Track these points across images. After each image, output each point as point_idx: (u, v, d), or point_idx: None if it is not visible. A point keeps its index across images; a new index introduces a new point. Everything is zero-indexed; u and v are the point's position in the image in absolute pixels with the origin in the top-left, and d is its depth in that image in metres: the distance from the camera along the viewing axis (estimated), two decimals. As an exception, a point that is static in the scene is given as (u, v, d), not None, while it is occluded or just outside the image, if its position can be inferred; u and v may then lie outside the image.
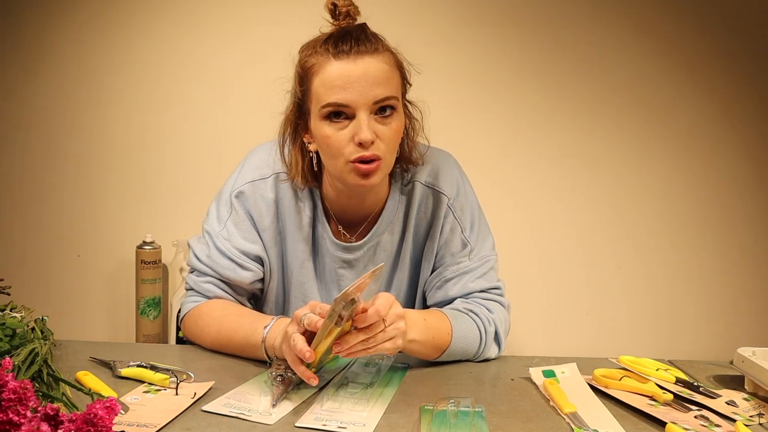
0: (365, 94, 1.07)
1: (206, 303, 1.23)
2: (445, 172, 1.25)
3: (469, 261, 1.24)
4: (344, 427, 0.89)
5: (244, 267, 1.22)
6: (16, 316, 1.09)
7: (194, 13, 1.99)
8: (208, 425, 0.89)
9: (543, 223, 2.04)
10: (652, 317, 2.05)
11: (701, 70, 1.99)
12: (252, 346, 1.11)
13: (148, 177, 2.05)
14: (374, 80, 1.07)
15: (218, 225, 1.23)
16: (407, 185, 1.25)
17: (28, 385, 0.70)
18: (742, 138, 2.01)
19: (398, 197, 1.25)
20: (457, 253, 1.24)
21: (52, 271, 2.07)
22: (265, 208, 1.22)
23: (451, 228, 1.24)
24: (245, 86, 1.98)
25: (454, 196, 1.24)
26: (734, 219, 2.03)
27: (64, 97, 2.03)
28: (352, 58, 1.07)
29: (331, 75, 1.07)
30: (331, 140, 1.09)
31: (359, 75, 1.07)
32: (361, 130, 1.07)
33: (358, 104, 1.07)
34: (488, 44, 1.99)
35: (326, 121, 1.09)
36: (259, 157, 1.25)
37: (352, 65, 1.07)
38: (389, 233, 1.25)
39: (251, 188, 1.22)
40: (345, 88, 1.07)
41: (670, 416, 0.94)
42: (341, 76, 1.07)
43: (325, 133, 1.10)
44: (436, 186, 1.24)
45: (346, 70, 1.07)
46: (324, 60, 1.08)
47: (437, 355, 1.14)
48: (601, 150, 2.02)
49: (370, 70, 1.07)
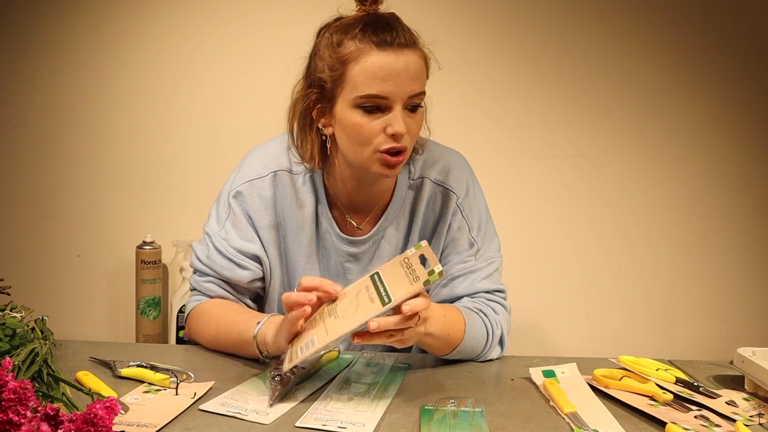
0: (404, 88, 1.08)
1: (208, 302, 1.24)
2: (456, 171, 1.25)
3: (476, 261, 1.24)
4: (344, 427, 0.89)
5: (242, 266, 1.22)
6: (16, 316, 1.09)
7: (196, 15, 1.99)
8: (208, 425, 0.89)
9: (542, 223, 2.04)
10: (652, 317, 2.05)
11: (700, 70, 1.99)
12: (245, 342, 1.11)
13: (148, 177, 2.05)
14: (413, 75, 1.08)
15: (217, 226, 1.24)
16: (416, 180, 1.25)
17: (28, 385, 0.70)
18: (742, 137, 2.01)
19: (405, 191, 1.25)
20: (463, 252, 1.24)
21: (52, 271, 2.07)
22: (263, 207, 1.23)
23: (458, 227, 1.24)
24: (246, 86, 1.98)
25: (464, 196, 1.24)
26: (734, 218, 2.03)
27: (64, 97, 2.03)
28: (395, 51, 1.07)
29: (374, 66, 1.07)
30: (363, 129, 1.09)
31: (400, 69, 1.07)
32: (397, 122, 1.08)
33: (396, 97, 1.08)
34: (485, 44, 1.99)
35: (359, 110, 1.09)
36: (256, 157, 1.26)
37: (394, 58, 1.07)
38: (395, 227, 1.25)
39: (249, 187, 1.23)
40: (386, 81, 1.07)
41: (670, 416, 0.94)
42: (383, 68, 1.07)
43: (357, 121, 1.10)
44: (446, 184, 1.24)
45: (389, 63, 1.07)
46: (366, 48, 1.08)
47: (447, 352, 1.14)
48: (600, 150, 2.02)
49: (411, 64, 1.08)
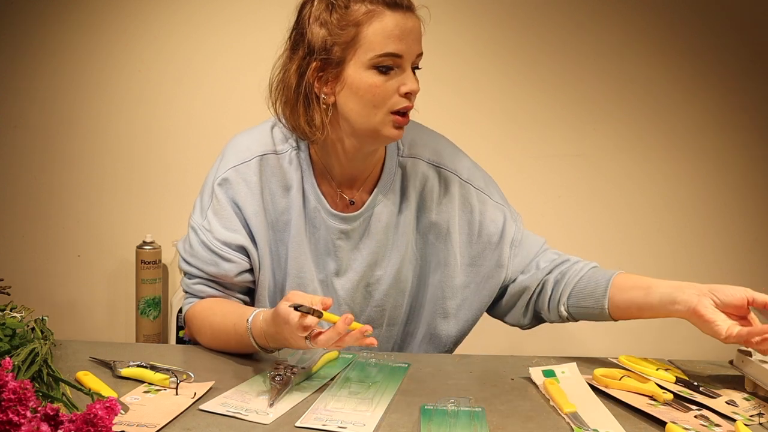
0: (414, 47, 1.12)
1: (199, 303, 1.23)
2: (447, 150, 1.27)
3: (520, 228, 1.27)
4: (344, 427, 0.89)
5: (227, 259, 1.20)
6: (16, 316, 1.09)
7: (196, 15, 2.00)
8: (208, 425, 0.89)
9: (542, 223, 2.04)
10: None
11: (699, 71, 1.99)
12: (241, 335, 1.10)
13: (148, 177, 2.05)
14: (418, 35, 1.13)
15: (200, 217, 1.22)
16: (405, 157, 1.24)
17: (28, 385, 0.70)
18: (742, 137, 2.01)
19: (395, 167, 1.24)
20: (505, 230, 1.25)
21: (52, 271, 2.07)
22: (249, 193, 1.21)
23: (479, 200, 1.25)
24: (246, 86, 1.97)
25: (465, 172, 1.26)
26: (734, 218, 2.03)
27: (64, 97, 2.03)
28: (404, 13, 1.11)
29: (389, 25, 1.10)
30: (379, 89, 1.11)
31: (410, 29, 1.11)
32: (411, 81, 1.12)
33: (409, 56, 1.12)
34: (485, 45, 1.99)
35: (374, 70, 1.11)
36: (239, 141, 1.25)
37: (406, 19, 1.11)
38: (384, 204, 1.23)
39: (235, 173, 1.21)
40: (401, 40, 1.10)
41: (670, 416, 0.94)
42: (398, 26, 1.10)
43: (373, 82, 1.11)
44: (442, 165, 1.25)
45: (402, 22, 1.10)
46: (378, 10, 1.10)
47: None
48: (600, 150, 2.02)
49: (417, 26, 1.13)
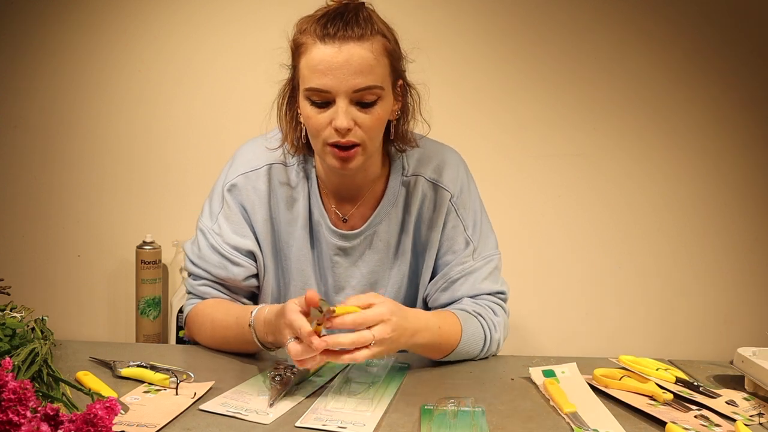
0: (346, 82, 1.07)
1: (202, 303, 1.24)
2: (451, 169, 1.25)
3: (473, 261, 1.23)
4: (344, 427, 0.89)
5: (236, 263, 1.22)
6: (16, 316, 1.09)
7: (196, 15, 1.99)
8: (208, 425, 0.89)
9: (542, 223, 2.04)
10: (651, 317, 2.05)
11: (700, 70, 1.99)
12: (241, 328, 1.11)
13: (148, 177, 2.05)
14: (357, 69, 1.06)
15: (210, 221, 1.24)
16: (409, 177, 1.24)
17: (28, 385, 0.70)
18: (742, 137, 2.01)
19: (398, 187, 1.24)
20: (459, 252, 1.23)
21: (52, 271, 2.07)
22: (258, 200, 1.22)
23: (453, 226, 1.24)
24: (246, 86, 1.98)
25: (457, 194, 1.24)
26: (734, 218, 2.03)
27: (64, 97, 2.02)
28: (337, 44, 1.06)
29: (315, 59, 1.07)
30: (311, 121, 1.11)
31: (341, 62, 1.06)
32: (338, 117, 1.08)
33: (338, 91, 1.07)
34: (485, 44, 1.99)
35: (308, 102, 1.11)
36: (250, 149, 1.25)
37: (336, 51, 1.06)
38: (386, 223, 1.24)
39: (244, 180, 1.22)
40: (326, 75, 1.07)
41: (670, 416, 0.94)
42: (323, 61, 1.07)
43: (307, 113, 1.11)
44: (440, 182, 1.24)
45: (329, 56, 1.06)
46: (311, 41, 1.08)
47: (441, 357, 1.15)
48: (600, 150, 2.01)
49: (354, 58, 1.06)
